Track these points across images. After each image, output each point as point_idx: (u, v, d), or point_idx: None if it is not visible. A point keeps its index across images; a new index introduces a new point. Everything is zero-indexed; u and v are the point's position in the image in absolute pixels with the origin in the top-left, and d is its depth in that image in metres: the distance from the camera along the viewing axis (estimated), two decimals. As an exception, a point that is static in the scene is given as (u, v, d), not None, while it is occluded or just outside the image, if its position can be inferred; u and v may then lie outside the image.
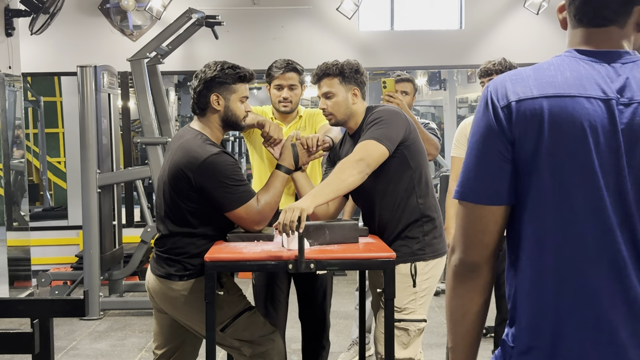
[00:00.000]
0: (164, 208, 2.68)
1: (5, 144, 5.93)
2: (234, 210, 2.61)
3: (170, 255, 2.66)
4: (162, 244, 2.69)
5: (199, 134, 2.67)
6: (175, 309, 2.70)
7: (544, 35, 7.10)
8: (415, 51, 7.22)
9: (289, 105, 3.21)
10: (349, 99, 2.75)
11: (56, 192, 9.38)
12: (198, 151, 2.57)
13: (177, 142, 2.68)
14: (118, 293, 5.86)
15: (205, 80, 2.67)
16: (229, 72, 2.67)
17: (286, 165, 2.80)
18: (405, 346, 2.68)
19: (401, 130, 2.65)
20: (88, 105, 5.37)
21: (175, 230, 2.65)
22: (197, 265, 2.62)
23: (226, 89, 2.68)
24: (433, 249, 2.73)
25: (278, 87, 3.21)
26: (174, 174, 2.59)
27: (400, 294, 2.64)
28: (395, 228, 2.71)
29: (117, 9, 6.84)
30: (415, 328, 2.69)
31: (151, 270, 2.76)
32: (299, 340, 3.51)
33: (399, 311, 2.67)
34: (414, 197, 2.70)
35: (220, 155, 2.59)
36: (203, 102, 2.69)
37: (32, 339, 2.15)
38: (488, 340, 4.31)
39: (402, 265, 2.67)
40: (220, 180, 2.56)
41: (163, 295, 2.69)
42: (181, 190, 2.59)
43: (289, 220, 2.33)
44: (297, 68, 3.22)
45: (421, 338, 2.75)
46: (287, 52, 6.95)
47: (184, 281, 2.64)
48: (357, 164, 2.52)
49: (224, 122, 2.72)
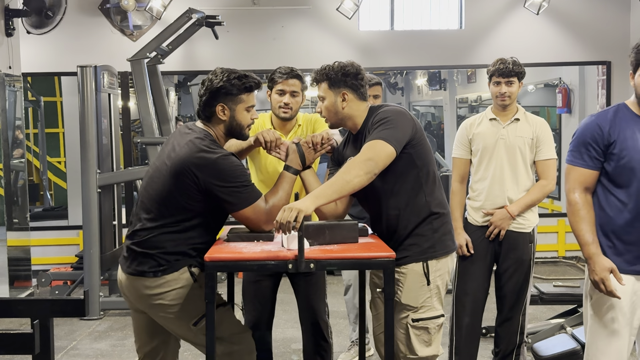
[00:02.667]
0: (151, 198, 2.64)
1: (5, 144, 5.93)
2: (241, 210, 2.61)
3: (144, 250, 2.62)
4: (138, 237, 2.65)
5: (207, 135, 2.67)
6: (150, 307, 2.67)
7: (544, 35, 7.10)
8: (415, 51, 7.22)
9: (289, 111, 3.22)
10: (338, 103, 2.72)
11: (56, 192, 9.38)
12: (208, 152, 2.57)
13: (185, 138, 2.65)
14: (118, 293, 5.85)
15: (211, 89, 2.66)
16: (235, 83, 2.66)
17: (294, 165, 2.80)
18: (428, 344, 2.68)
19: (407, 130, 2.63)
20: (88, 105, 5.37)
21: (159, 223, 2.62)
22: (171, 261, 2.61)
23: (232, 99, 2.67)
24: (443, 245, 2.71)
25: (280, 93, 3.21)
26: (180, 170, 2.57)
27: (416, 293, 2.65)
28: (406, 227, 2.69)
29: (117, 9, 6.85)
30: (434, 325, 2.68)
31: (122, 269, 2.72)
32: (299, 340, 3.51)
33: (415, 310, 2.66)
34: (422, 195, 2.68)
35: (229, 157, 2.60)
36: (208, 110, 2.69)
37: (32, 339, 2.16)
38: (488, 340, 4.31)
39: (415, 264, 2.67)
40: (229, 182, 2.56)
41: (137, 293, 2.67)
42: (184, 186, 2.57)
43: (285, 220, 2.33)
44: (300, 76, 3.23)
45: (441, 333, 2.74)
46: (287, 52, 6.98)
47: (158, 277, 2.62)
48: (365, 164, 2.50)
49: (228, 131, 2.73)
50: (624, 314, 2.50)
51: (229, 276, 3.27)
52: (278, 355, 4.42)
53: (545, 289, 4.56)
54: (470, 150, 3.65)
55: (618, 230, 2.52)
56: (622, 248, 2.51)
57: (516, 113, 3.57)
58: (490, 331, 4.33)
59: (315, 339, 3.32)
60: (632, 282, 2.51)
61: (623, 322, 2.50)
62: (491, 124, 3.59)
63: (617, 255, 2.51)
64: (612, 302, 2.50)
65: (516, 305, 3.58)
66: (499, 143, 3.53)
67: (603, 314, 2.52)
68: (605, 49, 7.13)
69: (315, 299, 3.31)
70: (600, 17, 7.13)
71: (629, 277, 2.51)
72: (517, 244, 3.54)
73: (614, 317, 2.50)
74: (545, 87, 9.48)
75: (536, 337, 4.33)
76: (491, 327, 4.10)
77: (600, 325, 2.52)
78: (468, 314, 3.61)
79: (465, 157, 3.67)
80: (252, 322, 3.30)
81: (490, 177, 3.55)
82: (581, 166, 2.58)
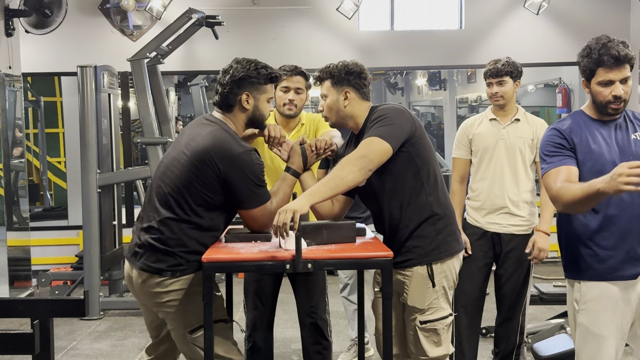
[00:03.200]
0: (169, 190, 2.57)
1: (5, 144, 5.93)
2: (251, 209, 2.60)
3: (166, 247, 2.55)
4: (157, 231, 2.56)
5: (229, 127, 2.64)
6: (159, 305, 2.62)
7: (544, 36, 7.10)
8: (415, 51, 7.22)
9: (294, 108, 3.23)
10: (340, 102, 2.72)
11: (56, 192, 9.39)
12: (233, 144, 2.55)
13: (205, 129, 2.61)
14: (118, 293, 5.86)
15: (237, 78, 2.64)
16: (262, 72, 2.66)
17: (295, 168, 2.79)
18: (438, 344, 2.66)
19: (406, 127, 2.61)
20: (88, 105, 5.37)
21: (180, 216, 2.54)
22: (191, 261, 2.56)
23: (257, 89, 2.67)
24: (447, 247, 2.68)
25: (285, 90, 3.23)
26: (201, 158, 2.53)
27: (421, 295, 2.64)
28: (407, 227, 2.66)
29: (117, 9, 6.85)
30: (443, 325, 2.67)
31: (132, 264, 2.64)
32: (298, 340, 3.51)
33: (422, 312, 2.65)
34: (423, 195, 2.66)
35: (252, 153, 2.59)
36: (232, 99, 2.66)
37: (32, 339, 2.16)
38: (488, 340, 4.31)
39: (419, 267, 2.65)
40: (249, 178, 2.55)
41: (147, 290, 2.61)
42: (204, 176, 2.54)
43: (282, 223, 2.33)
44: (304, 73, 3.26)
45: (451, 331, 2.72)
46: (287, 52, 6.98)
47: (176, 277, 2.56)
48: (359, 160, 2.49)
49: (250, 121, 2.71)
50: (612, 319, 2.47)
51: (228, 277, 3.27)
52: (278, 355, 4.43)
53: (545, 289, 4.57)
54: (470, 151, 3.65)
55: (595, 237, 2.49)
56: (603, 254, 2.48)
57: (516, 113, 3.58)
58: (490, 331, 4.33)
59: (315, 338, 3.32)
60: (617, 289, 2.47)
61: (612, 327, 2.48)
62: (491, 124, 3.59)
63: (599, 263, 2.48)
64: (600, 309, 2.47)
65: (516, 305, 3.59)
66: (499, 143, 3.53)
67: (591, 322, 2.49)
68: (605, 49, 7.12)
69: (315, 298, 3.31)
70: (600, 17, 7.12)
71: (614, 284, 2.47)
72: (517, 246, 3.54)
73: (601, 324, 2.47)
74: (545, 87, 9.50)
75: (536, 337, 4.33)
76: (491, 327, 4.11)
77: (589, 332, 2.50)
78: (466, 314, 3.61)
79: (465, 157, 3.67)
80: (253, 320, 3.30)
81: (490, 177, 3.55)
82: (560, 165, 2.48)
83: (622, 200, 2.44)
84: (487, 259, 3.60)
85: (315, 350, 3.33)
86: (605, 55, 2.41)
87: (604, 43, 2.43)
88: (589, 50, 2.46)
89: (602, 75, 2.44)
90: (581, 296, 2.52)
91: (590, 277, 2.50)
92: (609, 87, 2.45)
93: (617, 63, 2.41)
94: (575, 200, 2.33)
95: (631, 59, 2.44)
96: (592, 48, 2.45)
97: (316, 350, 3.33)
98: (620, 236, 2.46)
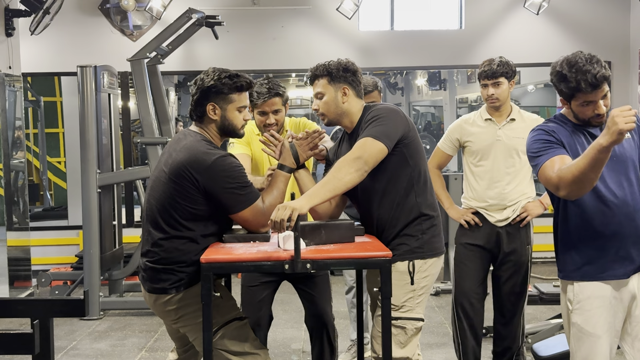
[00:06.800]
0: (156, 209, 2.61)
1: (5, 144, 5.93)
2: (240, 212, 2.60)
3: (164, 266, 2.60)
4: (153, 253, 2.62)
5: (202, 137, 2.66)
6: (175, 322, 2.69)
7: (544, 36, 7.10)
8: (415, 51, 7.22)
9: (275, 128, 3.21)
10: (338, 98, 2.74)
11: (56, 192, 9.38)
12: (206, 153, 2.56)
13: (180, 144, 2.64)
14: (118, 293, 5.86)
15: (202, 88, 2.66)
16: (226, 82, 2.64)
17: (287, 164, 2.79)
18: (403, 345, 2.67)
19: (400, 127, 2.64)
20: (88, 105, 5.38)
21: (170, 233, 2.59)
22: (191, 273, 2.59)
23: (222, 98, 2.66)
24: (432, 247, 2.73)
25: (261, 114, 3.21)
26: (178, 173, 2.56)
27: (398, 291, 2.64)
28: (395, 227, 2.70)
29: (117, 9, 6.85)
30: (412, 327, 2.68)
31: (143, 287, 2.71)
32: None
33: (396, 309, 2.66)
34: (412, 195, 2.70)
35: (227, 157, 2.59)
36: (200, 110, 2.68)
37: (32, 339, 2.16)
38: (488, 340, 4.31)
39: (400, 263, 2.67)
40: (229, 182, 2.55)
41: (161, 309, 2.67)
42: (184, 190, 2.56)
43: (280, 218, 2.34)
44: (279, 92, 3.20)
45: (418, 338, 2.73)
46: (287, 52, 6.99)
47: (180, 292, 2.60)
48: (355, 162, 2.52)
49: (221, 131, 2.72)
50: (605, 318, 2.49)
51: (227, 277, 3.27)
52: (278, 355, 4.43)
53: (545, 289, 4.56)
54: (455, 149, 3.67)
55: (585, 237, 2.49)
56: (594, 254, 2.49)
57: (511, 113, 3.56)
58: (490, 331, 4.32)
59: (322, 345, 3.33)
60: (610, 289, 2.49)
61: (606, 326, 2.49)
62: (487, 124, 3.58)
63: (591, 263, 2.50)
64: (593, 308, 2.49)
65: (515, 306, 3.58)
66: (496, 144, 3.53)
67: (585, 321, 2.50)
68: (605, 49, 7.11)
69: (323, 304, 3.32)
70: (600, 17, 7.13)
71: (606, 283, 2.49)
72: (515, 247, 3.53)
73: (595, 323, 2.49)
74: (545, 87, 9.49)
75: (536, 337, 4.33)
76: (491, 327, 4.10)
77: (583, 332, 2.51)
78: (469, 315, 3.60)
79: (449, 152, 3.70)
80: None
81: (488, 178, 3.55)
82: (553, 155, 2.45)
83: (613, 199, 2.46)
84: (485, 259, 3.59)
85: (321, 356, 3.34)
86: (583, 82, 2.37)
87: (578, 69, 2.37)
88: (562, 76, 2.41)
89: (581, 98, 2.43)
90: (574, 296, 2.54)
91: (582, 277, 2.52)
92: (590, 106, 2.44)
93: (596, 87, 2.38)
94: (582, 172, 2.27)
95: (607, 77, 2.38)
96: (566, 75, 2.39)
97: (322, 356, 3.34)
98: (610, 236, 2.48)
